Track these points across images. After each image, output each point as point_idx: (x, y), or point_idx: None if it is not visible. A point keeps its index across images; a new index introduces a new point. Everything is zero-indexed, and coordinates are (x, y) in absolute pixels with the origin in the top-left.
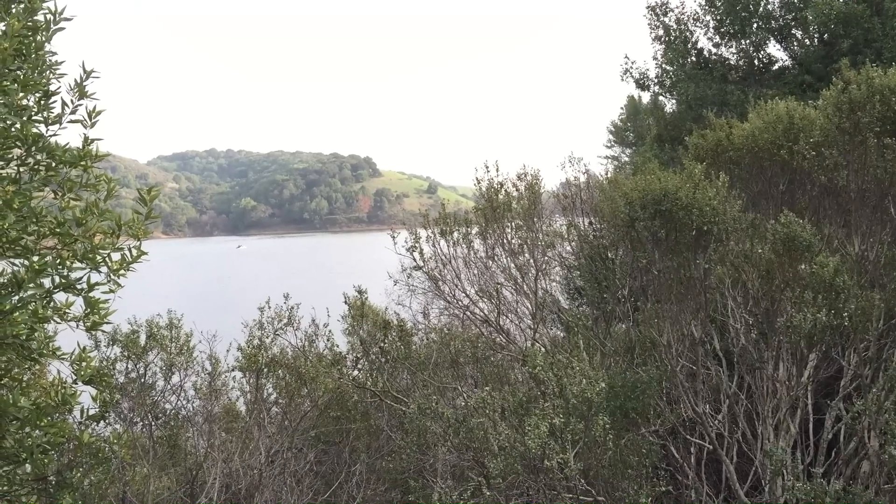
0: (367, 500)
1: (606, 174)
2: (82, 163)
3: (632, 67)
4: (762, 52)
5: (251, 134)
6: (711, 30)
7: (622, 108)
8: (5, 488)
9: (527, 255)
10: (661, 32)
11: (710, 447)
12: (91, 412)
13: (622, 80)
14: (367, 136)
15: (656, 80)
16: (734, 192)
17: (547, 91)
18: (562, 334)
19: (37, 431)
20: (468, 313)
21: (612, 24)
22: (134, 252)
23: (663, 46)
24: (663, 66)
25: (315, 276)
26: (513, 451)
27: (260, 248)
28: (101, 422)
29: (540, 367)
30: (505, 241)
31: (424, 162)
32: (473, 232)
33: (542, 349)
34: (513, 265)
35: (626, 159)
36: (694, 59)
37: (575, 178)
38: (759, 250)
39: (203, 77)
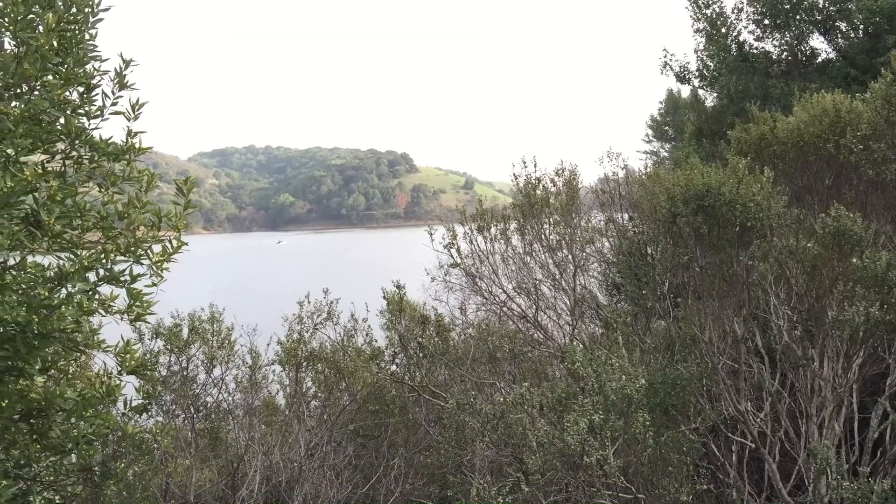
0: (406, 495)
1: (645, 169)
2: (125, 156)
3: (671, 61)
4: (805, 45)
5: (289, 130)
6: (753, 22)
7: (661, 103)
8: (51, 478)
9: (565, 250)
10: (702, 25)
11: (752, 445)
12: (134, 404)
13: (661, 73)
14: (404, 132)
15: (697, 74)
16: (779, 188)
17: (584, 86)
18: (600, 331)
19: (82, 422)
20: (505, 309)
21: (650, 17)
22: (174, 243)
23: (704, 39)
24: (704, 59)
25: (352, 271)
26: (551, 447)
27: (298, 243)
28: (143, 414)
29: (579, 363)
30: (543, 237)
31: (461, 157)
32: (511, 228)
33: (581, 346)
34: (551, 261)
35: (666, 154)
36: (735, 51)
37: (614, 173)
38: (807, 245)
39: (243, 74)
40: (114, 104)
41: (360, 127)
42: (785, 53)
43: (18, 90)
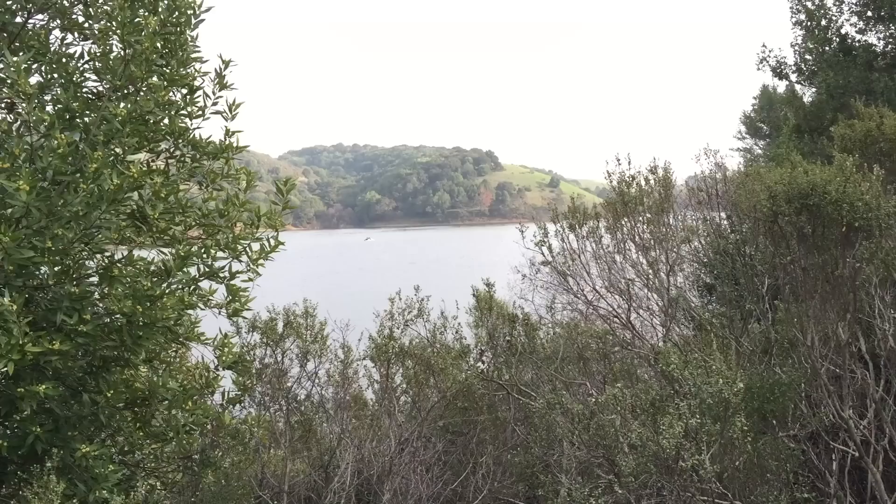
0: (494, 493)
1: (739, 166)
2: (223, 154)
3: (769, 56)
4: None
5: (377, 128)
6: (855, 14)
7: (755, 99)
8: (153, 465)
9: (656, 250)
10: (801, 17)
11: (855, 454)
12: (230, 395)
13: (758, 69)
14: (489, 130)
15: (794, 68)
16: (889, 187)
17: (672, 82)
18: (692, 332)
19: (181, 412)
20: (595, 309)
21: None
22: (272, 242)
23: (803, 32)
24: (802, 53)
25: (438, 268)
26: (645, 449)
27: (385, 240)
28: (238, 405)
29: (674, 365)
30: (637, 236)
31: (547, 155)
32: (602, 226)
33: (676, 347)
34: (644, 260)
35: (760, 151)
36: (836, 45)
37: (711, 170)
38: None
39: (332, 74)
40: (214, 104)
41: (446, 125)
42: (890, 46)
43: (125, 92)
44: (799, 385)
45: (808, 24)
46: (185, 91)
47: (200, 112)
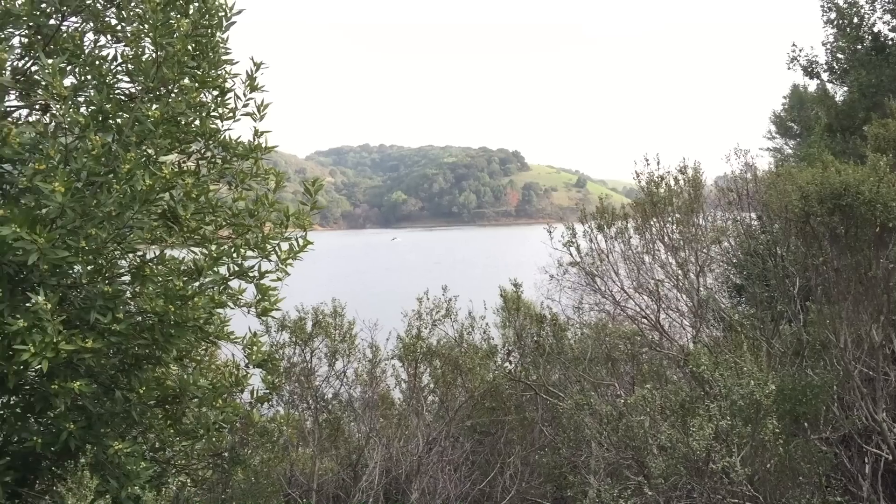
0: (522, 493)
1: (769, 166)
2: (253, 155)
3: (799, 55)
4: None
5: (403, 129)
6: (888, 12)
7: (784, 98)
8: (183, 462)
9: (686, 251)
10: (833, 15)
11: (889, 458)
12: (259, 394)
13: (788, 68)
14: (515, 130)
15: (826, 67)
16: None
17: (700, 82)
18: (721, 334)
19: (210, 409)
20: (623, 310)
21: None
22: (300, 242)
23: (835, 30)
24: (834, 51)
25: (464, 268)
26: (675, 451)
27: (412, 240)
28: (266, 403)
29: (705, 366)
30: (666, 236)
31: (573, 155)
32: (630, 226)
33: (706, 348)
34: (673, 261)
35: (790, 151)
36: (869, 43)
37: (741, 170)
38: None
39: (358, 74)
40: (244, 105)
41: (472, 125)
42: None
43: (157, 93)
44: (831, 387)
45: (840, 22)
46: (215, 92)
47: (231, 113)
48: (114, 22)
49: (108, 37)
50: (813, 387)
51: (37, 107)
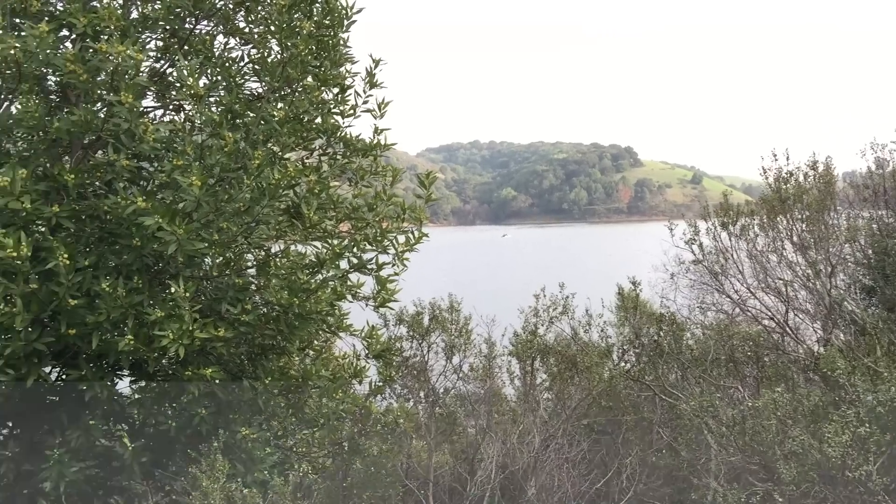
0: (639, 494)
1: None
2: (373, 152)
3: None
4: None
5: (513, 125)
6: None
7: None
8: (304, 450)
9: (816, 249)
10: None
11: None
12: (375, 386)
13: None
14: (628, 125)
15: None
16: None
17: (823, 75)
18: (852, 337)
19: (332, 400)
20: (746, 310)
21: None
22: (416, 234)
23: None
24: None
25: (576, 264)
26: (807, 457)
27: (522, 237)
28: (380, 395)
29: (840, 370)
30: (794, 235)
31: (688, 151)
32: (755, 224)
33: (839, 352)
34: (802, 261)
35: None
36: None
37: (875, 166)
38: None
39: (469, 72)
40: (364, 102)
41: (583, 121)
42: None
43: (283, 93)
44: None
45: None
46: (336, 90)
47: (352, 111)
48: (242, 24)
49: (237, 39)
50: None
51: (171, 107)
